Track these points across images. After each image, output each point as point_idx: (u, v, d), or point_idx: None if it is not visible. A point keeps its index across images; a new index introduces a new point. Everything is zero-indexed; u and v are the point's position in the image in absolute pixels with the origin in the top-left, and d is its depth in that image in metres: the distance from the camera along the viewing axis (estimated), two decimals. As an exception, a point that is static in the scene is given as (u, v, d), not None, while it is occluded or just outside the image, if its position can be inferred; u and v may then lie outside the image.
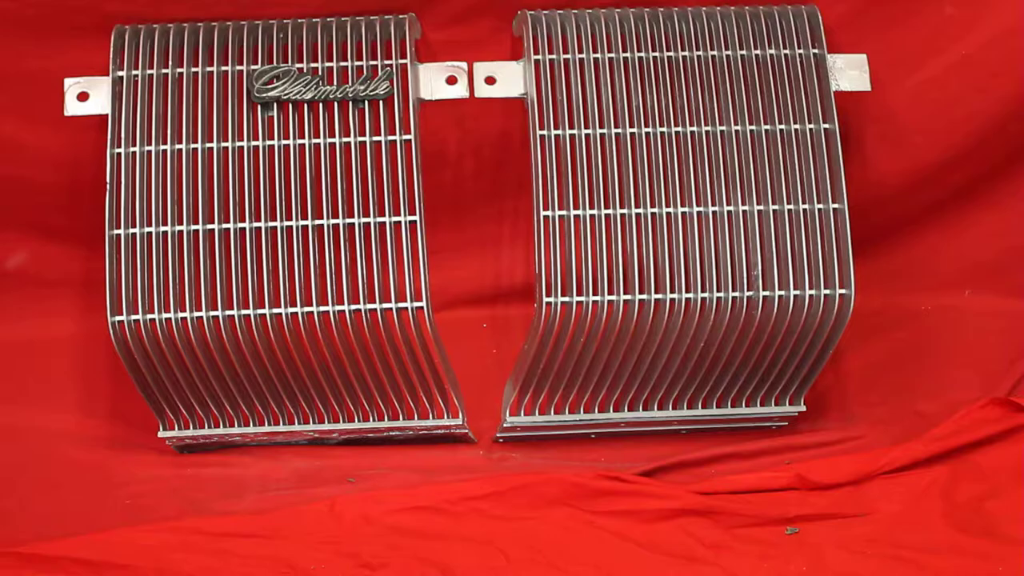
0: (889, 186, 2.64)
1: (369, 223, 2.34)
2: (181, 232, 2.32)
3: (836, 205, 2.36)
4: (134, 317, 2.30)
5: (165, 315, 2.30)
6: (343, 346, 2.34)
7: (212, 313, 2.30)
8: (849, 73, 2.46)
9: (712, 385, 2.44)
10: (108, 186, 2.33)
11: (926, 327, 2.69)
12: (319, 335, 2.32)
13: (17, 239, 2.64)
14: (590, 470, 2.36)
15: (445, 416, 2.46)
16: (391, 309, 2.32)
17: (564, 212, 2.35)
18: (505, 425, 2.49)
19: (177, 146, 2.35)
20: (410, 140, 2.36)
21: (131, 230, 2.32)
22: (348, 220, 2.34)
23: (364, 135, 2.37)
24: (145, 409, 2.41)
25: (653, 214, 2.35)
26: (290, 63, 2.39)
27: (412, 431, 2.48)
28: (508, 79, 2.44)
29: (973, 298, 2.72)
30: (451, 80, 2.44)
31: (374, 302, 2.32)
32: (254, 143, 2.36)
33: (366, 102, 2.38)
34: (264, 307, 2.31)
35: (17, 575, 2.17)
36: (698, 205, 2.36)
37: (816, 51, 2.43)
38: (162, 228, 2.32)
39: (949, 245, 2.72)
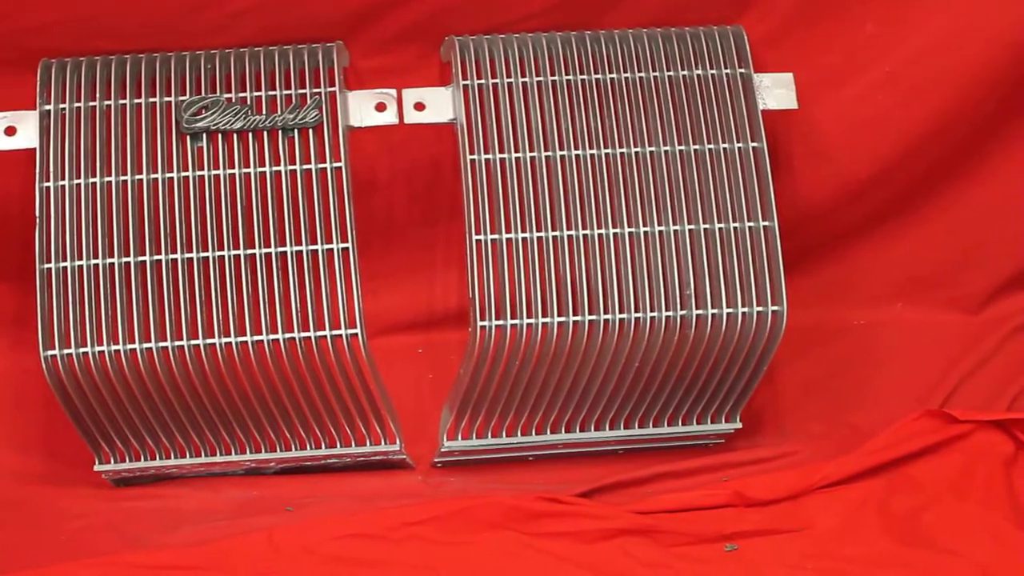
0: (818, 202, 2.65)
1: (302, 251, 2.33)
2: (112, 264, 2.31)
3: (766, 223, 2.37)
4: (67, 351, 2.28)
5: (98, 348, 2.29)
6: (278, 375, 2.33)
7: (145, 345, 2.29)
8: (776, 92, 2.48)
9: (648, 404, 2.45)
10: (38, 220, 2.32)
11: (859, 342, 2.71)
12: (253, 364, 2.31)
13: (-54, 276, 2.62)
14: (528, 493, 2.36)
15: (382, 442, 2.46)
16: (325, 337, 2.32)
17: (496, 236, 2.35)
18: (443, 450, 2.49)
19: (107, 178, 2.34)
20: (340, 167, 2.36)
21: (62, 264, 2.30)
22: (280, 249, 2.33)
23: (294, 163, 2.36)
24: (80, 443, 2.39)
25: (585, 236, 2.36)
26: (218, 93, 2.39)
27: (350, 458, 2.47)
28: (437, 105, 2.44)
29: (905, 312, 2.75)
30: (380, 107, 2.44)
31: (308, 330, 2.32)
32: (184, 174, 2.35)
33: (296, 130, 2.38)
34: (198, 338, 2.30)
35: (-47, 614, 2.16)
36: (630, 226, 2.37)
37: (743, 71, 2.44)
38: (93, 261, 2.30)
39: (880, 260, 2.74)
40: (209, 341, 2.30)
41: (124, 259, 2.31)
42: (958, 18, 2.52)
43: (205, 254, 2.32)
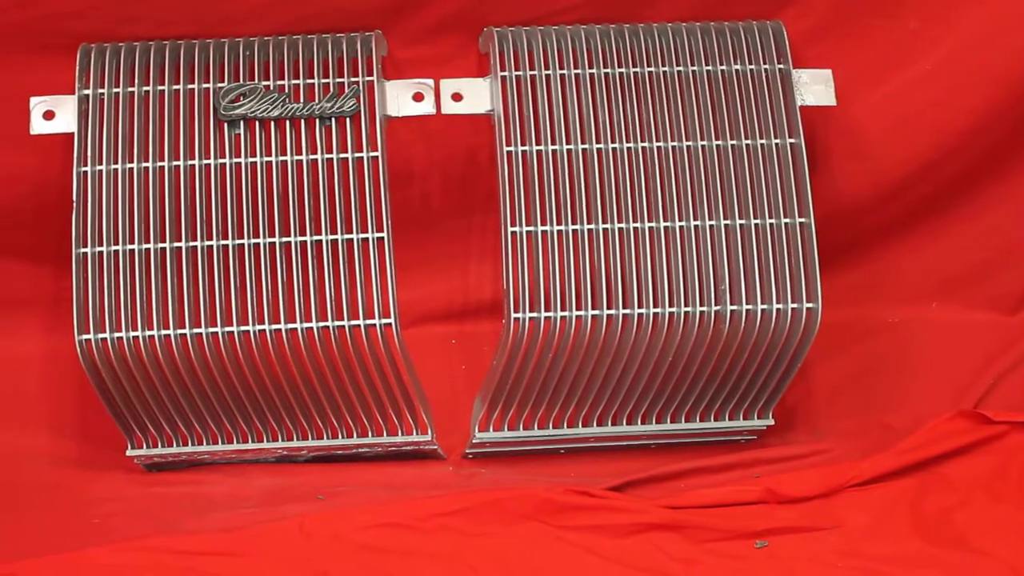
0: (855, 199, 2.64)
1: (337, 240, 2.34)
2: (148, 250, 2.31)
3: (803, 219, 2.37)
4: (101, 336, 2.29)
5: (132, 333, 2.29)
6: (311, 363, 2.33)
7: (180, 331, 2.30)
8: (814, 88, 2.47)
9: (680, 399, 2.45)
10: (75, 204, 2.32)
11: (894, 340, 2.70)
12: (287, 352, 2.32)
13: (-18, 258, 2.64)
14: (559, 485, 2.36)
15: (414, 432, 2.46)
16: (359, 326, 2.32)
17: (532, 228, 2.35)
18: (474, 441, 2.49)
19: (143, 164, 2.34)
20: (377, 157, 2.36)
21: (98, 248, 2.31)
22: (316, 237, 2.34)
23: (331, 152, 2.37)
24: (113, 428, 2.40)
25: (621, 229, 2.36)
26: (256, 81, 2.39)
27: (381, 448, 2.48)
28: (475, 96, 2.44)
29: (940, 310, 2.74)
30: (418, 97, 2.44)
31: (342, 319, 2.32)
32: (221, 161, 2.36)
33: (333, 119, 2.38)
34: (232, 325, 2.31)
35: (-16, 595, 2.17)
36: (665, 220, 2.36)
37: (781, 66, 2.44)
38: (129, 246, 2.31)
39: (916, 258, 2.73)
40: (243, 328, 2.31)
41: (160, 245, 2.32)
42: (1000, 16, 2.51)
43: (240, 241, 2.33)
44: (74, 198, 2.33)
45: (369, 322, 2.32)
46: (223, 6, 2.46)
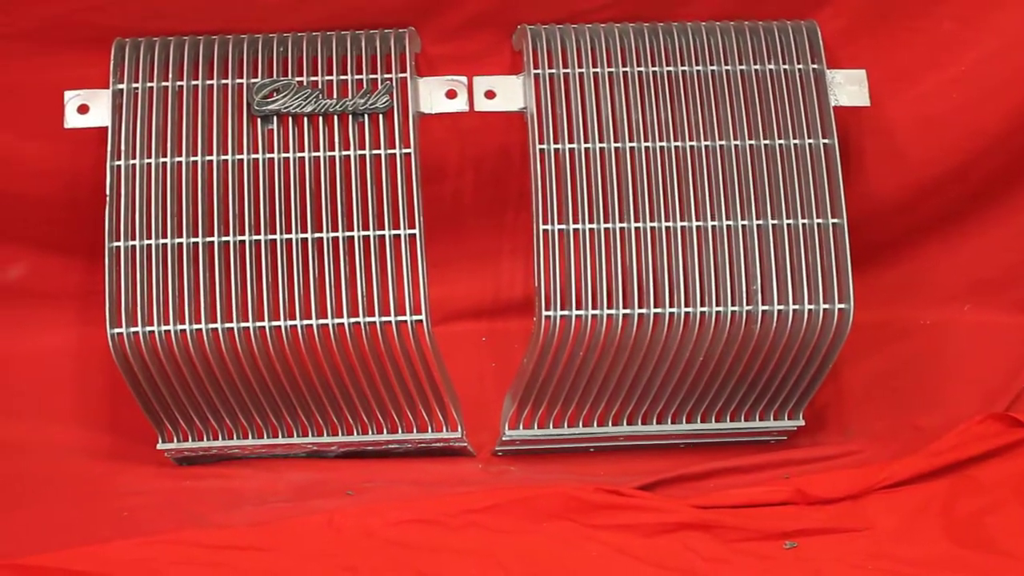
0: (888, 201, 2.64)
1: (369, 236, 2.34)
2: (180, 244, 2.32)
3: (835, 220, 2.36)
4: (133, 329, 2.30)
5: (164, 327, 2.30)
6: (342, 359, 2.34)
7: (211, 325, 2.30)
8: (848, 88, 2.47)
9: (711, 399, 2.44)
10: (108, 198, 2.33)
11: (925, 342, 2.69)
12: (318, 348, 2.32)
13: (16, 251, 2.64)
14: (589, 484, 2.36)
15: (444, 429, 2.46)
16: (390, 322, 2.32)
17: (564, 226, 2.35)
18: (504, 439, 2.49)
19: (177, 159, 2.35)
20: (410, 153, 2.36)
21: (130, 242, 2.32)
22: (348, 233, 2.34)
23: (364, 148, 2.37)
24: (143, 421, 2.41)
25: (652, 228, 2.35)
26: (290, 76, 2.40)
27: (411, 444, 2.48)
28: (508, 93, 2.44)
29: (972, 313, 2.73)
30: (451, 94, 2.44)
31: (373, 315, 2.32)
32: (254, 156, 2.36)
33: (366, 115, 2.38)
34: (264, 320, 2.31)
35: (14, 587, 2.18)
36: (697, 219, 2.36)
37: (815, 66, 2.43)
38: (161, 240, 2.32)
39: (948, 260, 2.72)
40: (275, 323, 2.31)
41: (192, 239, 2.32)
42: (1036, 17, 2.50)
43: (272, 236, 2.33)
44: (107, 192, 2.33)
45: (400, 318, 2.32)
46: (258, 2, 2.46)
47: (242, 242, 2.33)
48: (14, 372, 2.62)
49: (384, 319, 2.32)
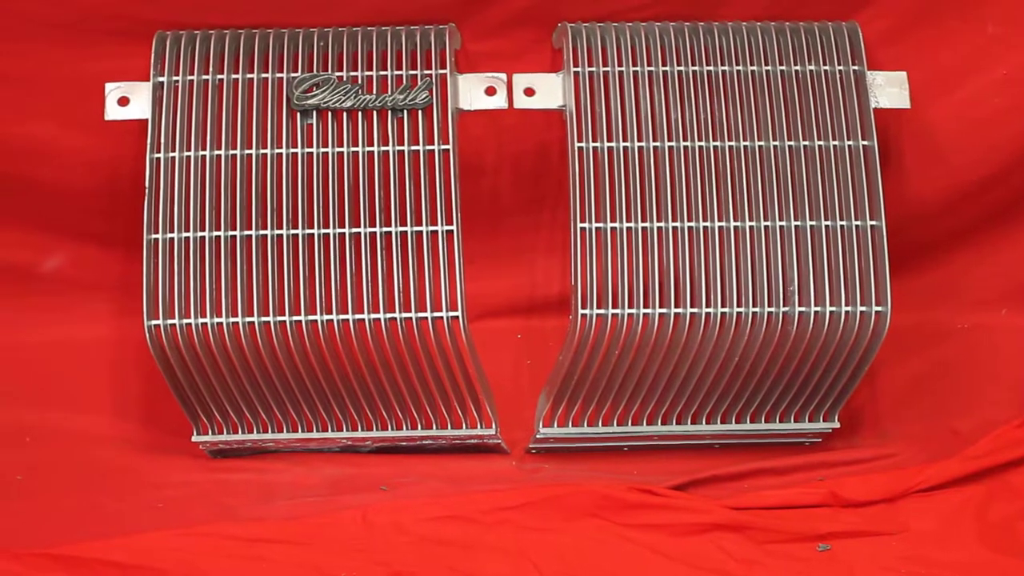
0: (927, 204, 2.63)
1: (406, 232, 2.34)
2: (219, 238, 2.33)
3: (873, 222, 2.36)
4: (170, 321, 2.31)
5: (201, 320, 2.31)
6: (378, 354, 2.34)
7: (248, 319, 2.31)
8: (889, 90, 2.46)
9: (746, 400, 2.44)
10: (147, 191, 2.34)
11: (962, 345, 2.68)
12: (354, 343, 2.32)
13: (55, 242, 2.65)
14: (622, 483, 2.36)
15: (478, 426, 2.46)
16: (426, 318, 2.32)
17: (601, 224, 2.35)
18: (538, 436, 2.49)
19: (216, 152, 2.36)
20: (448, 150, 2.36)
21: (169, 235, 2.33)
22: (385, 228, 2.34)
23: (402, 144, 2.37)
24: (179, 413, 2.41)
25: (690, 228, 2.35)
26: (330, 71, 2.40)
27: (445, 440, 2.48)
28: (547, 91, 2.44)
29: (1010, 317, 2.71)
30: (490, 91, 2.44)
31: (410, 311, 2.32)
32: (293, 150, 2.37)
33: (405, 111, 2.38)
34: (300, 314, 2.32)
35: (48, 577, 2.19)
36: (735, 220, 2.36)
37: (856, 68, 2.42)
38: (200, 233, 2.33)
39: (986, 264, 2.71)
40: (311, 318, 2.31)
41: (231, 233, 2.33)
42: (1080, 21, 2.49)
43: (311, 231, 2.34)
44: (147, 184, 2.34)
45: (436, 314, 2.32)
46: (298, -4, 2.47)
47: (280, 236, 2.33)
48: (51, 362, 2.63)
49: (420, 315, 2.32)
